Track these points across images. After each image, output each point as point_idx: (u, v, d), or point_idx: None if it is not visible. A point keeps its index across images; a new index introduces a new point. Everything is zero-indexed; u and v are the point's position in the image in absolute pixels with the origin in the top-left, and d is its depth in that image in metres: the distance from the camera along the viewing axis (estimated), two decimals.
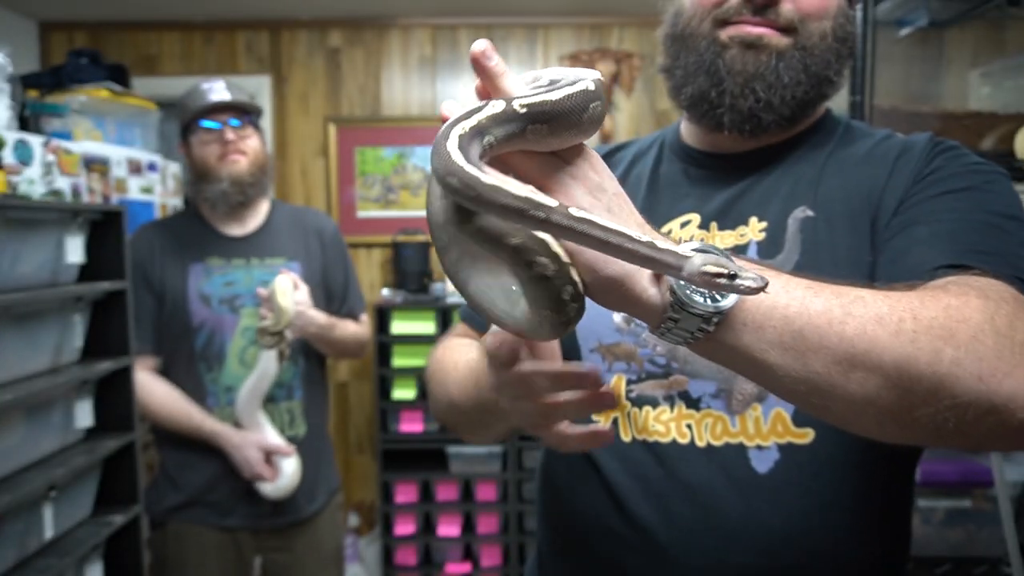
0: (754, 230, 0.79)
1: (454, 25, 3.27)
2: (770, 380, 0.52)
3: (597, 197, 0.51)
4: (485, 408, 0.70)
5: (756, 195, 0.81)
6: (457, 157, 0.45)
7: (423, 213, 3.81)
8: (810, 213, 0.77)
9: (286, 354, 1.70)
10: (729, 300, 0.49)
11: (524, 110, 0.48)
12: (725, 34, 0.78)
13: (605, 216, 0.48)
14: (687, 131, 0.90)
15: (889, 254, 0.70)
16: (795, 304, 0.50)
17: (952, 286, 0.56)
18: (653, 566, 0.76)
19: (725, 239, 0.79)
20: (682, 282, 0.49)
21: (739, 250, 0.78)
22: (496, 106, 0.48)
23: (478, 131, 0.47)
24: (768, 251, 0.77)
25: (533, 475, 2.86)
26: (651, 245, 0.47)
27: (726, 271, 0.46)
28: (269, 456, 1.71)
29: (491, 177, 0.45)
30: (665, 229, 0.82)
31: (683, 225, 0.82)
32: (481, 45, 0.49)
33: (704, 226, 0.81)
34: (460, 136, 0.46)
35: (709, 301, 0.49)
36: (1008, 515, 1.48)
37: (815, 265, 0.74)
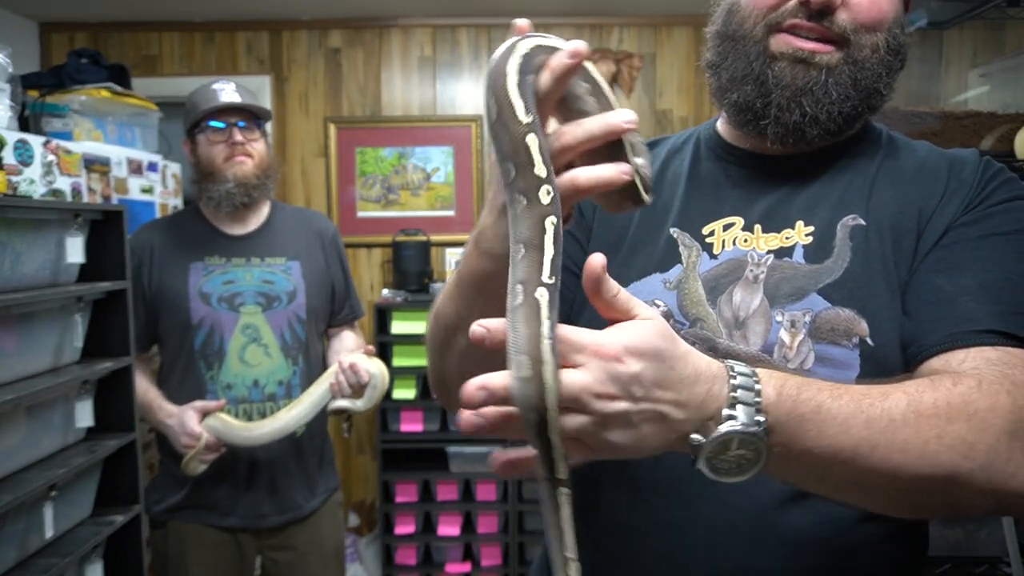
0: (800, 234, 0.78)
1: (454, 25, 3.27)
2: (792, 483, 0.60)
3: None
4: (486, 281, 0.63)
5: (802, 199, 0.80)
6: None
7: (423, 213, 3.79)
8: (861, 222, 0.77)
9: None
10: (745, 476, 0.54)
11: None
12: (776, 44, 0.77)
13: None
14: (726, 129, 0.88)
15: (932, 293, 0.71)
16: (824, 443, 0.55)
17: (987, 383, 0.60)
18: (675, 566, 0.75)
19: (770, 241, 0.79)
20: (708, 458, 0.53)
21: (784, 252, 0.78)
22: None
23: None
24: (815, 255, 0.77)
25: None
26: None
27: None
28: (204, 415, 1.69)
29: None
30: (707, 230, 0.82)
31: (726, 228, 0.82)
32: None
33: (748, 228, 0.81)
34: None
35: (732, 469, 0.54)
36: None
37: (866, 273, 0.74)
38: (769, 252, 0.79)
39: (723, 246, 0.80)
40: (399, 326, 2.93)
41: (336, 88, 3.28)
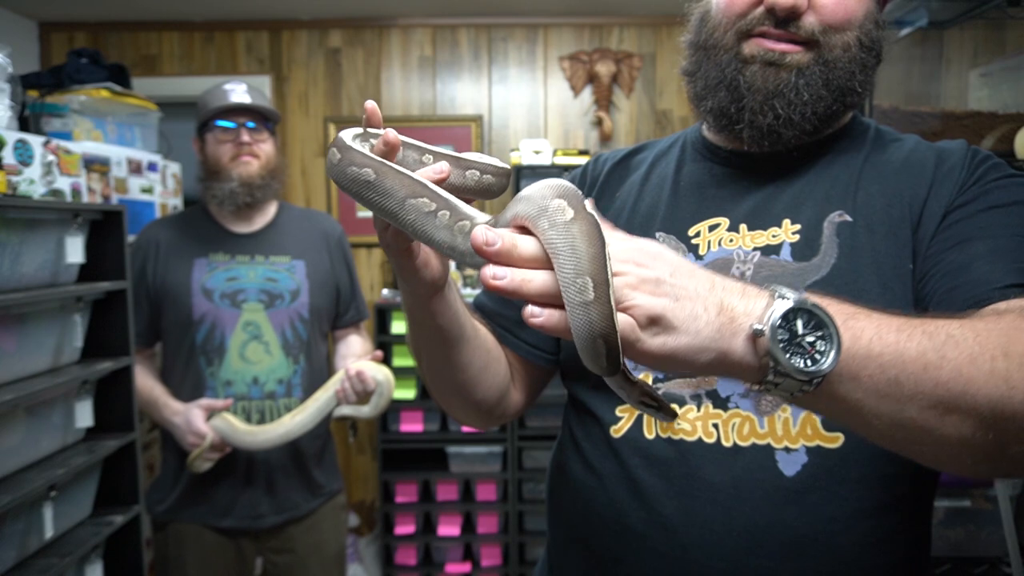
0: (787, 232, 0.78)
1: (454, 25, 3.27)
2: (864, 426, 0.53)
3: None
4: (411, 311, 0.75)
5: (788, 197, 0.81)
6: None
7: None
8: (848, 218, 0.77)
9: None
10: (829, 361, 0.49)
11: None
12: (747, 49, 0.78)
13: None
14: (710, 130, 0.89)
15: (945, 267, 0.70)
16: (889, 351, 0.51)
17: None
18: (673, 566, 0.75)
19: (756, 239, 0.79)
20: (781, 345, 0.48)
21: (771, 251, 0.78)
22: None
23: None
24: (802, 253, 0.77)
25: (533, 475, 2.87)
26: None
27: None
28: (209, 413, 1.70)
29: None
30: (693, 231, 0.82)
31: (712, 228, 0.82)
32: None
33: (734, 228, 0.81)
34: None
35: (809, 363, 0.49)
36: (1008, 515, 1.48)
37: (854, 269, 0.74)
38: (755, 249, 0.79)
39: (709, 247, 0.81)
40: (399, 326, 2.92)
41: (336, 88, 3.28)
